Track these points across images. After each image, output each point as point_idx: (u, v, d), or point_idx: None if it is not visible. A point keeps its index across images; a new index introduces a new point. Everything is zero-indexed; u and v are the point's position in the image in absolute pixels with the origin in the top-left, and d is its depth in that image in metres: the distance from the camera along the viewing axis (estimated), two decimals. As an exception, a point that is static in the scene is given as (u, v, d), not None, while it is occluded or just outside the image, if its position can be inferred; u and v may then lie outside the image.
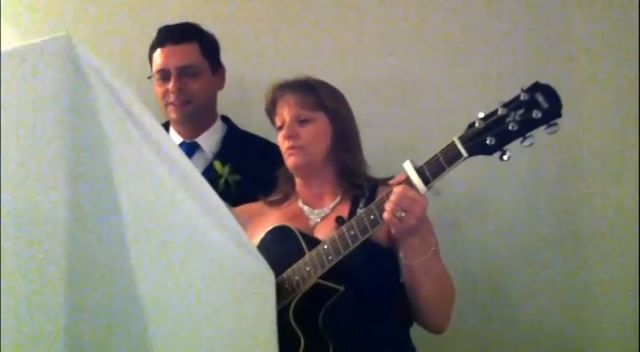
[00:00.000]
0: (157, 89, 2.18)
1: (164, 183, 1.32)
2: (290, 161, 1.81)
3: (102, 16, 2.50)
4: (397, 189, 1.54)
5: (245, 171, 2.08)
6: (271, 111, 1.88)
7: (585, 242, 2.26)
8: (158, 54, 2.17)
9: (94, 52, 1.31)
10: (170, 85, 2.13)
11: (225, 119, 2.30)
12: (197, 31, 2.20)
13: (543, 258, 2.26)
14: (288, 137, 1.80)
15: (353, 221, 1.61)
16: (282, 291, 1.64)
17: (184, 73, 2.14)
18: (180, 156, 1.38)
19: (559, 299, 2.25)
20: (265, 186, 1.92)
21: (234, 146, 2.21)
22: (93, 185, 1.27)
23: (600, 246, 2.24)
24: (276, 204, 1.90)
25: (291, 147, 1.80)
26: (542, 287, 2.26)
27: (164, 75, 2.15)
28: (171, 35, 2.16)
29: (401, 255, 1.64)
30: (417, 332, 1.78)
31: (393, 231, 1.58)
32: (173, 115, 2.18)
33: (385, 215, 1.55)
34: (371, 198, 1.71)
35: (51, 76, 1.24)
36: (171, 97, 2.14)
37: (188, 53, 2.15)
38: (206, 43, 2.19)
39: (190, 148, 2.19)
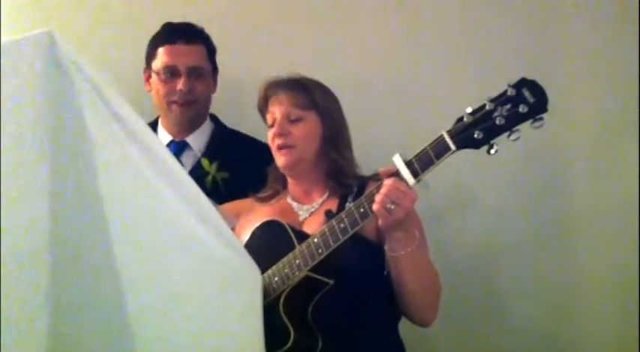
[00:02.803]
0: (161, 85, 2.16)
1: (148, 180, 1.30)
2: (281, 160, 1.81)
3: (93, 14, 2.50)
4: (387, 182, 1.55)
5: (233, 168, 2.09)
6: (263, 108, 1.87)
7: (575, 238, 2.25)
8: (166, 50, 2.16)
9: (82, 50, 1.30)
10: (180, 84, 2.13)
11: (213, 117, 2.30)
12: (204, 33, 2.21)
13: (532, 254, 2.26)
14: (279, 135, 1.80)
15: (343, 214, 1.61)
16: (272, 284, 1.65)
17: (193, 73, 2.15)
18: (165, 153, 1.36)
19: (548, 296, 2.25)
20: (253, 184, 1.91)
21: (222, 144, 2.21)
22: (76, 183, 1.26)
23: (590, 243, 2.24)
24: (265, 200, 1.90)
25: (281, 146, 1.79)
26: (530, 284, 2.26)
27: (171, 72, 2.14)
28: (182, 34, 2.16)
29: (386, 247, 1.65)
30: (406, 328, 1.79)
31: (380, 222, 1.59)
32: (175, 115, 2.17)
33: (375, 206, 1.55)
34: (359, 194, 1.72)
35: (31, 74, 1.21)
36: (177, 96, 2.14)
37: (198, 54, 2.17)
38: (210, 46, 2.21)
39: (179, 147, 2.20)
